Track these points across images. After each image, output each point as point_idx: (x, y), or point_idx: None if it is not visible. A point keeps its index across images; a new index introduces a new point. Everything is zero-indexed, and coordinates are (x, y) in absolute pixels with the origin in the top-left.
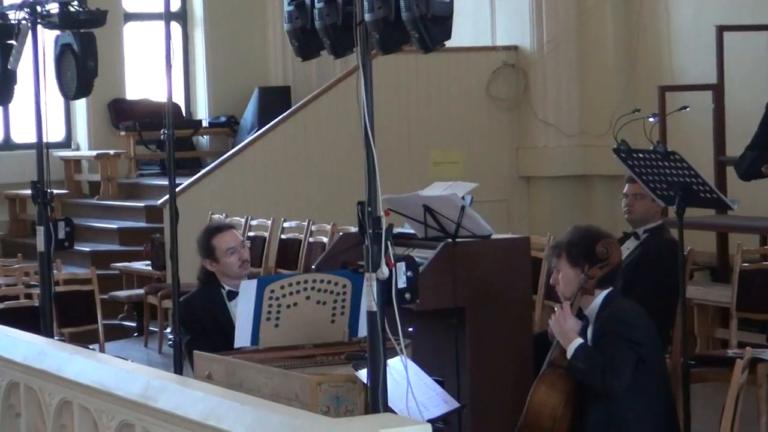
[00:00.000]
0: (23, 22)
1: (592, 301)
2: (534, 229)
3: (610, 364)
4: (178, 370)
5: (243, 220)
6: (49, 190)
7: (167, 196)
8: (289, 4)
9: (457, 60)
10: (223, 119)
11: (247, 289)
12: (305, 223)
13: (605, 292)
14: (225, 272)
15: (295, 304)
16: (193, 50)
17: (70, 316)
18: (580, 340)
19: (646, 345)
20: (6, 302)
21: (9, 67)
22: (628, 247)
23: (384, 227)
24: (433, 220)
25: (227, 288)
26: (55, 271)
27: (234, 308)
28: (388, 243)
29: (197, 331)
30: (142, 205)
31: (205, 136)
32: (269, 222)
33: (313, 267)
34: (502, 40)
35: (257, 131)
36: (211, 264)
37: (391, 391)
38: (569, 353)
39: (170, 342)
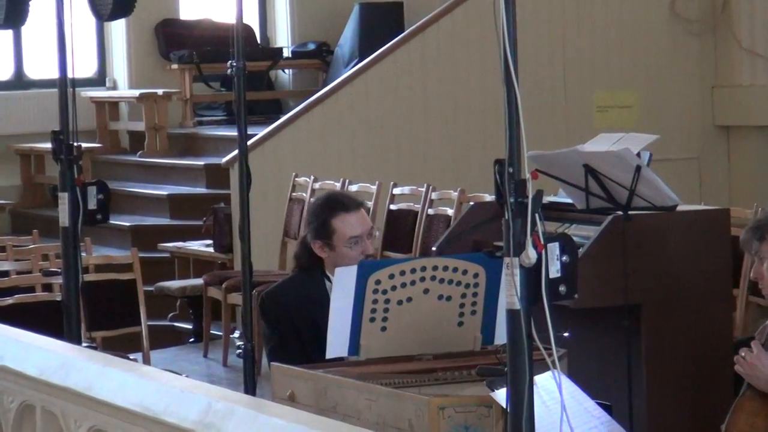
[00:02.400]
0: None
1: None
2: (735, 197)
3: None
4: (250, 388)
5: (338, 185)
6: (75, 144)
7: (235, 152)
8: None
9: None
10: (311, 47)
11: (344, 278)
12: (423, 189)
13: None
14: (338, 264)
15: (408, 300)
16: None
17: (103, 315)
18: None
19: None
20: (17, 296)
21: None
22: None
23: (531, 195)
24: (598, 186)
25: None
26: (83, 254)
27: None
28: (537, 216)
29: (287, 333)
30: (201, 164)
31: (286, 71)
32: (374, 187)
33: (433, 249)
34: None
35: (357, 63)
36: (323, 248)
37: (539, 419)
38: None
39: (239, 351)
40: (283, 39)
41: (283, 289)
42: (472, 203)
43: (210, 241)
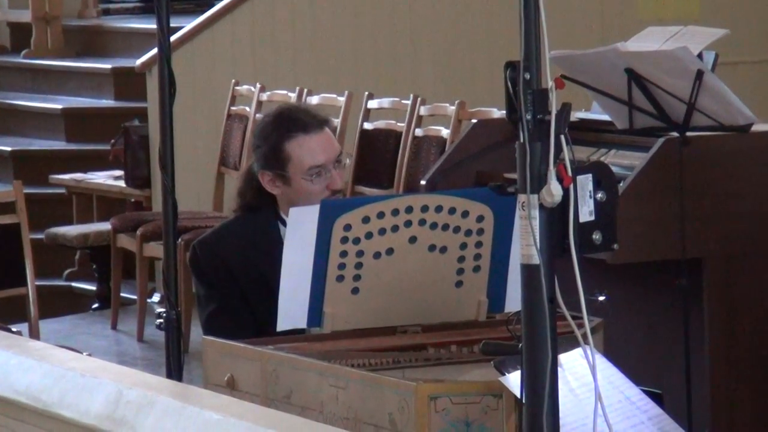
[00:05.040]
0: None
1: None
2: None
3: None
4: (174, 371)
5: (293, 96)
6: None
7: (155, 52)
8: None
9: None
10: None
11: (301, 222)
12: (408, 102)
13: None
14: (296, 203)
15: (389, 252)
16: None
17: None
18: None
19: None
20: None
21: None
22: None
23: (554, 110)
24: (645, 98)
25: None
26: None
27: None
28: (563, 139)
29: (230, 294)
30: (107, 67)
31: None
32: (342, 99)
33: (422, 182)
34: None
35: None
36: (274, 182)
37: (565, 412)
38: None
39: (160, 321)
40: None
41: (221, 236)
42: (474, 121)
43: (120, 173)
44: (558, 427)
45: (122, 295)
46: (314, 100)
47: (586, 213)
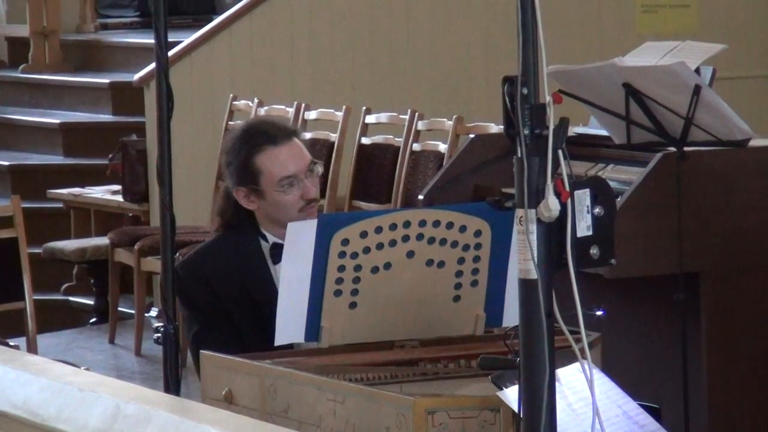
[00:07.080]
0: None
1: None
2: None
3: None
4: (172, 386)
5: (291, 111)
6: None
7: (152, 66)
8: None
9: None
10: None
11: (298, 237)
12: (406, 117)
13: None
14: (273, 216)
15: (387, 266)
16: None
17: None
18: None
19: None
20: None
21: None
22: None
23: (552, 124)
24: (643, 113)
25: (272, 240)
26: None
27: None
28: (560, 154)
29: (213, 315)
30: (105, 81)
31: None
32: (339, 114)
33: (420, 197)
34: None
35: None
36: (250, 198)
37: (562, 426)
38: None
39: (157, 335)
40: None
41: (203, 257)
42: (472, 136)
43: (118, 187)
44: None
45: (120, 309)
46: (312, 114)
47: (584, 228)
